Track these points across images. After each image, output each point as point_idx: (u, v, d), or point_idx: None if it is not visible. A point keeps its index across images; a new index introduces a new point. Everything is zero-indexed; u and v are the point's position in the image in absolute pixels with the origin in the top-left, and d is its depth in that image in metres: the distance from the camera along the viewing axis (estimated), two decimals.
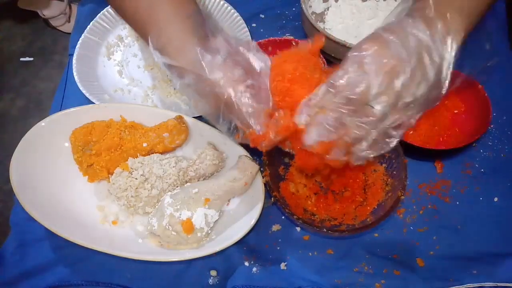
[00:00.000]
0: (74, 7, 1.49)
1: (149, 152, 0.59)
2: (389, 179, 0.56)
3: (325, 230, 0.51)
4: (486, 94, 0.58)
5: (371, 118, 0.41)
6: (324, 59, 0.66)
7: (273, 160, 0.57)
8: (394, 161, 0.55)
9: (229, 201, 0.58)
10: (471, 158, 0.61)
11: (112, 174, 0.57)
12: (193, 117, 0.62)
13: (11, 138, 1.36)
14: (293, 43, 0.68)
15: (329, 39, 0.62)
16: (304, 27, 0.70)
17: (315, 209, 0.57)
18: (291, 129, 0.44)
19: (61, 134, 0.59)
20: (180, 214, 0.52)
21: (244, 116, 0.44)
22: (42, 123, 0.58)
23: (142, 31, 0.50)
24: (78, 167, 0.59)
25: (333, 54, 0.66)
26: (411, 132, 0.61)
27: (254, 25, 0.78)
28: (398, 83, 0.40)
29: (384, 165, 0.57)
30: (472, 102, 0.60)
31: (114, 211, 0.58)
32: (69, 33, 1.06)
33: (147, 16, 0.48)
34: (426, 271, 0.54)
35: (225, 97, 0.44)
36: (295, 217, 0.51)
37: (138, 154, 0.58)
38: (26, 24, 1.58)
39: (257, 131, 0.44)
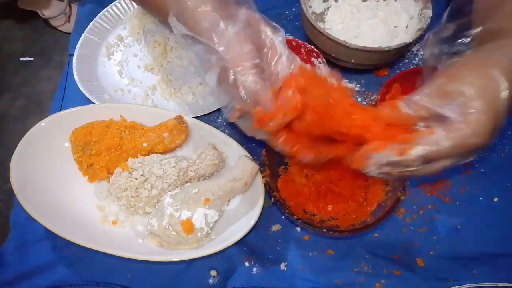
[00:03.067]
0: (74, 7, 1.49)
1: (149, 152, 0.59)
2: (389, 179, 0.56)
3: (325, 230, 0.51)
4: None
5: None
6: (324, 59, 0.66)
7: (273, 160, 0.57)
8: None
9: (229, 201, 0.58)
10: None
11: (112, 174, 0.57)
12: (193, 117, 0.62)
13: (11, 138, 1.36)
14: (293, 43, 0.68)
15: (329, 39, 0.62)
16: (304, 27, 0.70)
17: (315, 209, 0.57)
18: (299, 109, 0.43)
19: (61, 134, 0.59)
20: (180, 214, 0.52)
21: (246, 94, 0.43)
22: (42, 123, 0.58)
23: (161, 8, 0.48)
24: (78, 167, 0.59)
25: (333, 54, 0.66)
26: None
27: None
28: None
29: None
30: None
31: (114, 211, 0.58)
32: (69, 33, 1.06)
33: None
34: (426, 271, 0.54)
35: (230, 72, 0.43)
36: (295, 217, 0.51)
37: (138, 154, 0.58)
38: (26, 24, 1.58)
39: (267, 108, 0.43)
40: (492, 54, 0.42)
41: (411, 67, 0.70)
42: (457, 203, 0.58)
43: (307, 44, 0.67)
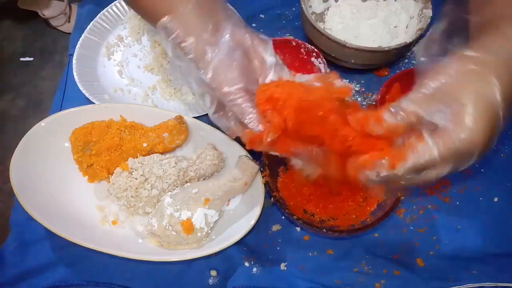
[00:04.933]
0: (74, 7, 1.49)
1: (149, 152, 0.59)
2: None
3: (325, 230, 0.51)
4: None
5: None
6: (324, 59, 0.66)
7: (273, 160, 0.57)
8: None
9: (229, 201, 0.58)
10: None
11: (112, 174, 0.57)
12: (193, 117, 0.62)
13: (11, 138, 1.36)
14: (293, 43, 0.68)
15: (329, 39, 0.62)
16: (304, 27, 0.70)
17: (315, 209, 0.57)
18: (282, 126, 0.43)
19: (61, 134, 0.59)
20: (180, 214, 0.52)
21: (237, 117, 0.44)
22: (42, 123, 0.58)
23: (152, 17, 0.48)
24: (78, 167, 0.59)
25: (333, 54, 0.66)
26: None
27: (254, 25, 0.78)
28: None
29: None
30: None
31: (114, 211, 0.58)
32: (69, 33, 1.06)
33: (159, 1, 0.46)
34: (426, 271, 0.54)
35: (217, 99, 0.45)
36: (294, 217, 0.51)
37: (138, 154, 0.58)
38: (26, 24, 1.58)
39: (255, 130, 0.44)
40: (485, 52, 0.39)
41: (411, 67, 0.70)
42: (457, 203, 0.58)
43: (307, 44, 0.67)
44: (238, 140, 0.60)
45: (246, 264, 0.55)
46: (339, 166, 0.45)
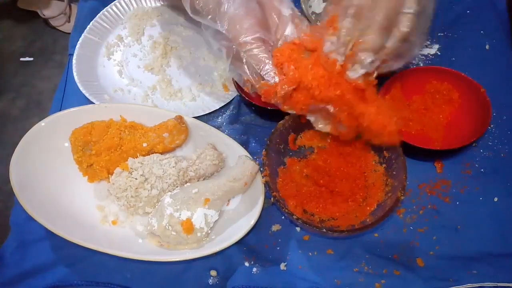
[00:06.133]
0: (74, 7, 1.49)
1: (149, 152, 0.59)
2: (389, 179, 0.56)
3: (324, 230, 0.51)
4: (486, 94, 0.58)
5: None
6: None
7: (272, 160, 0.57)
8: (394, 161, 0.55)
9: (229, 201, 0.58)
10: (471, 158, 0.61)
11: (112, 174, 0.57)
12: (193, 117, 0.62)
13: (11, 138, 1.36)
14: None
15: None
16: None
17: (314, 209, 0.57)
18: (297, 80, 0.44)
19: (61, 134, 0.59)
20: (180, 214, 0.52)
21: (252, 69, 0.44)
22: (42, 123, 0.58)
23: None
24: (78, 167, 0.59)
25: None
26: (413, 132, 0.61)
27: None
28: None
29: (384, 165, 0.57)
30: (472, 102, 0.60)
31: (114, 211, 0.58)
32: (69, 33, 1.06)
33: None
34: (426, 271, 0.54)
35: (234, 49, 0.45)
36: (294, 217, 0.51)
37: (138, 154, 0.58)
38: (26, 24, 1.58)
39: (271, 82, 0.44)
40: None
41: (411, 67, 0.70)
42: (457, 203, 0.58)
43: None
44: (237, 140, 0.60)
45: (246, 264, 0.55)
46: (348, 123, 0.49)
